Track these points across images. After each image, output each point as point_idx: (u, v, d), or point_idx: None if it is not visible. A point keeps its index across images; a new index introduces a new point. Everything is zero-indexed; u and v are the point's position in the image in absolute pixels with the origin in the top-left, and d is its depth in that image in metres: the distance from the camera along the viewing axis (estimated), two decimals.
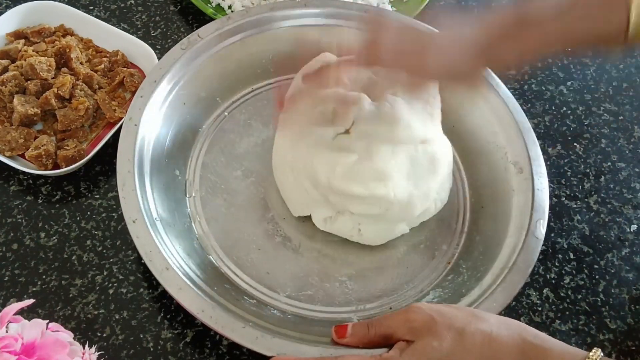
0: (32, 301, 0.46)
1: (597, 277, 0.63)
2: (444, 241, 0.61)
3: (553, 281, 0.62)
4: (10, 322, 0.43)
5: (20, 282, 0.56)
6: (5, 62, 0.65)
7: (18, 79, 0.63)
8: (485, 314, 0.46)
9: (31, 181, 0.62)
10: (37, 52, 0.66)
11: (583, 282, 0.62)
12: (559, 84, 0.77)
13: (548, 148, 0.71)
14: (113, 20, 0.75)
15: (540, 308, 0.60)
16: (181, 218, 0.58)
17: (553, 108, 0.75)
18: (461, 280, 0.57)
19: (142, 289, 0.57)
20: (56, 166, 0.61)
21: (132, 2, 0.77)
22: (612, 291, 0.62)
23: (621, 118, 0.75)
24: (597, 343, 0.58)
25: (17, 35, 0.69)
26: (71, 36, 0.70)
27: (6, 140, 0.61)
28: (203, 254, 0.57)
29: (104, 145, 0.62)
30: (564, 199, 0.68)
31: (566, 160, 0.71)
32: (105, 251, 0.59)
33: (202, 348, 0.55)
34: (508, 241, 0.56)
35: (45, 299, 0.55)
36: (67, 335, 0.46)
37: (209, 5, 0.75)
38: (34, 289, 0.56)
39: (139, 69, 0.69)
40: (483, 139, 0.65)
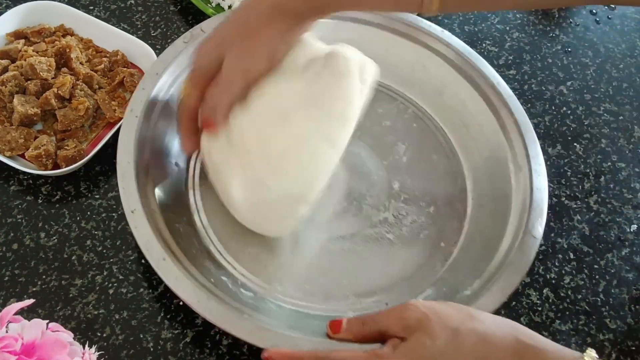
0: (32, 301, 0.46)
1: (597, 277, 0.63)
2: (442, 239, 0.61)
3: (553, 281, 0.62)
4: (10, 322, 0.43)
5: (20, 282, 0.56)
6: (5, 62, 0.65)
7: (18, 79, 0.63)
8: (480, 314, 0.47)
9: (31, 181, 0.62)
10: (37, 52, 0.66)
11: (583, 282, 0.62)
12: (559, 84, 0.77)
13: (548, 148, 0.71)
14: (113, 20, 0.75)
15: (540, 308, 0.60)
16: (180, 210, 0.58)
17: (553, 108, 0.75)
18: (458, 278, 0.57)
19: (142, 289, 0.57)
20: (56, 166, 0.61)
21: (132, 2, 0.77)
22: (612, 291, 0.62)
23: (621, 118, 0.75)
24: (597, 343, 0.58)
25: (17, 35, 0.69)
26: (71, 36, 0.70)
27: (6, 140, 0.61)
28: (201, 246, 0.57)
29: (104, 145, 0.62)
30: (564, 199, 0.68)
31: (566, 160, 0.71)
32: (105, 251, 0.59)
33: (202, 348, 0.55)
34: (506, 240, 0.56)
35: (45, 299, 0.55)
36: (67, 335, 0.46)
37: (209, 5, 0.75)
38: (34, 289, 0.56)
39: (139, 69, 0.69)
40: (484, 138, 0.65)
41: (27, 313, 0.53)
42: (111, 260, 0.58)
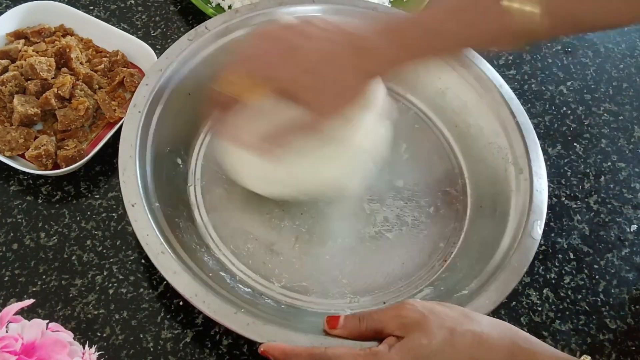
0: (32, 301, 0.46)
1: (597, 277, 0.63)
2: (442, 239, 0.61)
3: (553, 281, 0.62)
4: (10, 322, 0.43)
5: (20, 282, 0.56)
6: (5, 62, 0.65)
7: (18, 79, 0.63)
8: (477, 315, 0.47)
9: (31, 181, 0.62)
10: (37, 52, 0.66)
11: (583, 282, 0.62)
12: (559, 84, 0.77)
13: (548, 148, 0.71)
14: (113, 20, 0.75)
15: (540, 308, 0.60)
16: (181, 205, 0.59)
17: (553, 108, 0.75)
18: (456, 278, 0.57)
19: (142, 289, 0.57)
20: (56, 166, 0.61)
21: (132, 2, 0.77)
22: (612, 291, 0.62)
23: (621, 118, 0.75)
24: (597, 343, 0.58)
25: (17, 35, 0.69)
26: (71, 36, 0.70)
27: (6, 140, 0.61)
28: (200, 242, 0.57)
29: (104, 145, 0.62)
30: (564, 199, 0.68)
31: (566, 160, 0.71)
32: (105, 251, 0.59)
33: (202, 348, 0.55)
34: (505, 241, 0.57)
35: (45, 299, 0.55)
36: (67, 335, 0.46)
37: (209, 5, 0.75)
38: (34, 289, 0.56)
39: (139, 69, 0.69)
40: (485, 140, 0.65)
41: (27, 313, 0.53)
42: (111, 260, 0.58)
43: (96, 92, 0.65)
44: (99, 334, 0.54)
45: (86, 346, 0.46)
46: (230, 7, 0.75)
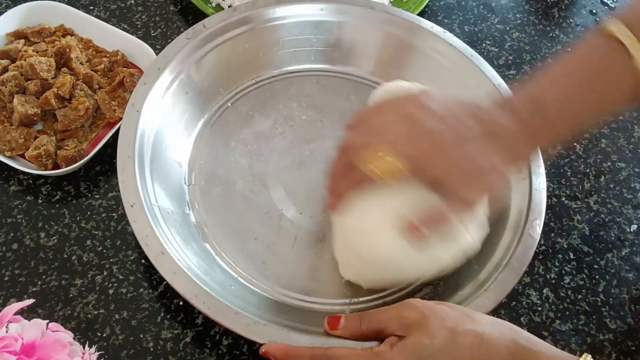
0: (32, 301, 0.46)
1: (597, 277, 0.63)
2: None
3: (553, 281, 0.62)
4: (10, 322, 0.43)
5: (20, 282, 0.56)
6: (5, 62, 0.65)
7: (18, 79, 0.63)
8: (478, 315, 0.47)
9: (31, 181, 0.62)
10: (37, 52, 0.66)
11: (583, 282, 0.62)
12: None
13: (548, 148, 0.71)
14: (113, 20, 0.75)
15: (540, 308, 0.60)
16: (180, 205, 0.59)
17: None
18: (456, 277, 0.57)
19: (142, 289, 0.57)
20: (56, 166, 0.61)
21: (132, 2, 0.77)
22: (612, 291, 0.62)
23: (621, 118, 0.75)
24: (597, 343, 0.58)
25: (17, 35, 0.69)
26: (71, 36, 0.70)
27: (6, 140, 0.61)
28: (200, 242, 0.57)
29: (104, 145, 0.62)
30: (564, 199, 0.68)
31: (566, 160, 0.71)
32: (105, 251, 0.59)
33: (202, 348, 0.55)
34: (504, 240, 0.56)
35: (45, 299, 0.55)
36: (67, 335, 0.46)
37: (209, 5, 0.75)
38: (34, 289, 0.56)
39: (139, 69, 0.69)
40: None
41: (27, 313, 0.53)
42: (111, 260, 0.58)
43: (96, 92, 0.65)
44: (99, 334, 0.54)
45: (86, 346, 0.46)
46: (230, 7, 0.75)
